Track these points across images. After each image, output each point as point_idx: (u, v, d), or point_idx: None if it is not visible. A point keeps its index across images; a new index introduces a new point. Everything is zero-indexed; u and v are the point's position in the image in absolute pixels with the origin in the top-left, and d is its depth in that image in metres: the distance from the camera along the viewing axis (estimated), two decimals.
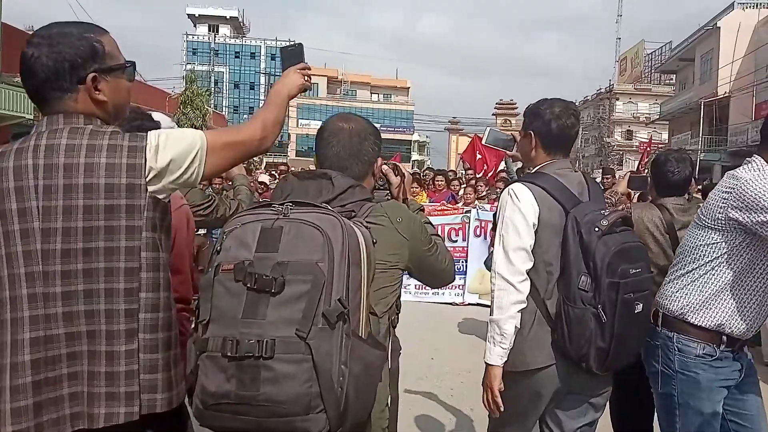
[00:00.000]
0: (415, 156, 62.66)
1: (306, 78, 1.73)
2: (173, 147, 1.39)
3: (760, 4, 28.84)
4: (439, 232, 6.73)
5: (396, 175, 1.87)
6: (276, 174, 12.57)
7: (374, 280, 1.43)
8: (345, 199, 1.52)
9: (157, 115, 2.29)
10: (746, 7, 28.75)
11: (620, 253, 1.94)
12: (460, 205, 8.09)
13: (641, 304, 1.98)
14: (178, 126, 17.24)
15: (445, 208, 7.99)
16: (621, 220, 2.02)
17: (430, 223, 1.86)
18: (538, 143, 2.17)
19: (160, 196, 1.39)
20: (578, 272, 1.94)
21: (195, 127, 17.67)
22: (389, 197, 1.83)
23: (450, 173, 11.21)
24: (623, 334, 1.93)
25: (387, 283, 1.59)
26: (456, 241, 7.82)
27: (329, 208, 1.41)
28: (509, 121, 46.50)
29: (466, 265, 7.75)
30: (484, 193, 8.59)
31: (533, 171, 2.20)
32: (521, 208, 2.02)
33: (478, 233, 7.64)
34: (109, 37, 1.44)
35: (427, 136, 66.72)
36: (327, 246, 1.30)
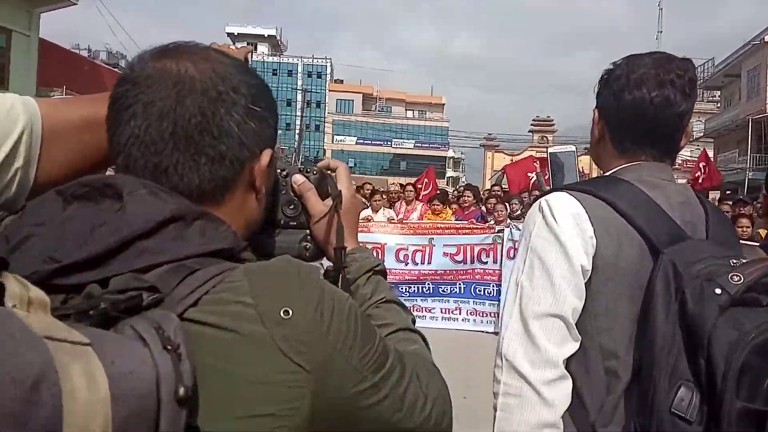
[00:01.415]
0: (450, 173, 62.16)
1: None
2: None
3: None
4: (468, 253, 6.17)
5: (320, 194, 0.89)
6: None
7: None
8: (148, 256, 0.60)
9: None
10: None
11: None
12: (491, 223, 7.64)
13: None
14: None
15: (474, 226, 7.55)
16: None
17: (397, 302, 0.88)
18: (605, 130, 1.28)
19: None
20: (673, 378, 1.00)
21: None
22: (307, 244, 0.89)
23: (496, 188, 10.68)
24: None
25: None
26: (486, 263, 7.32)
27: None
28: (546, 137, 45.62)
29: (498, 290, 7.25)
30: (519, 212, 8.09)
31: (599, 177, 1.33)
32: (560, 235, 1.13)
33: (512, 255, 7.12)
34: None
35: (462, 153, 66.15)
36: None
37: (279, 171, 0.87)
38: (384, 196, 8.83)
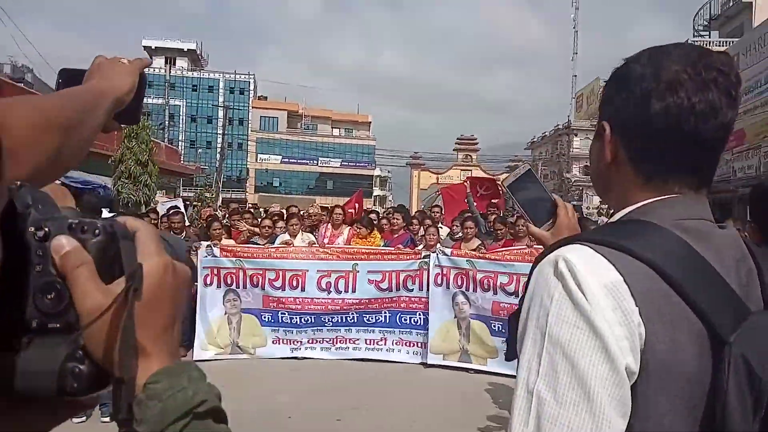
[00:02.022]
0: (377, 191, 62.30)
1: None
2: None
3: (713, 42, 29.75)
4: (393, 280, 5.75)
5: (105, 271, 0.51)
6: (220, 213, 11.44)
7: None
8: None
9: None
10: (699, 45, 29.63)
11: None
12: (420, 248, 7.18)
13: None
14: (121, 160, 15.69)
15: (399, 251, 7.10)
16: None
17: None
18: (621, 151, 0.94)
19: None
20: None
21: (140, 162, 15.82)
22: (77, 366, 0.49)
23: (435, 210, 10.35)
24: None
25: None
26: (412, 290, 6.88)
27: None
28: (470, 156, 46.63)
29: (427, 319, 6.80)
30: (459, 234, 7.66)
31: (620, 217, 0.96)
32: (596, 320, 0.78)
33: (439, 282, 6.74)
34: None
35: (388, 171, 66.60)
36: None
37: (32, 231, 0.49)
38: (301, 220, 8.26)
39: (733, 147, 23.24)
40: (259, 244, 7.43)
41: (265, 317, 6.95)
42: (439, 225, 8.79)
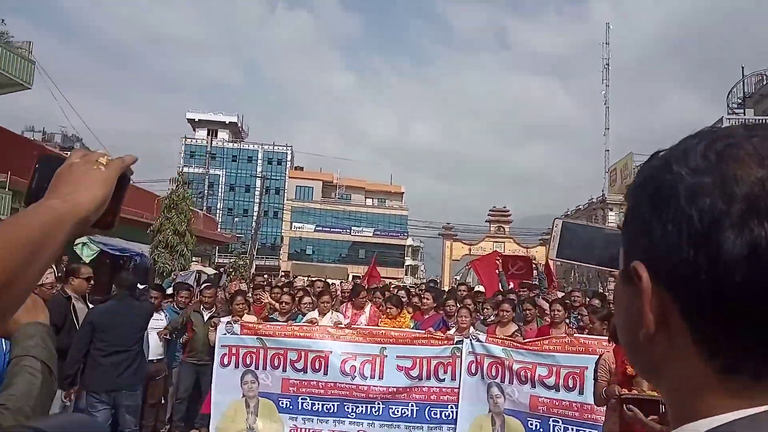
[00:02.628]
0: (408, 261, 61.81)
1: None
2: None
3: (747, 120, 29.35)
4: (424, 367, 5.26)
5: None
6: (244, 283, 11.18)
7: None
8: None
9: None
10: (734, 123, 29.30)
11: None
12: (453, 331, 6.63)
13: None
14: (160, 230, 15.56)
15: (431, 336, 6.57)
16: None
17: None
18: (673, 315, 0.51)
19: None
20: None
21: (177, 233, 15.64)
22: None
23: (462, 289, 9.94)
24: None
25: None
26: (443, 380, 6.28)
27: None
28: (503, 228, 46.04)
29: (457, 412, 6.20)
30: (492, 317, 7.16)
31: None
32: None
33: (473, 371, 6.19)
34: None
35: (420, 241, 66.24)
36: None
37: None
38: (332, 298, 7.88)
39: None
40: (278, 321, 7.08)
41: (283, 403, 6.49)
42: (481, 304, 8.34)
